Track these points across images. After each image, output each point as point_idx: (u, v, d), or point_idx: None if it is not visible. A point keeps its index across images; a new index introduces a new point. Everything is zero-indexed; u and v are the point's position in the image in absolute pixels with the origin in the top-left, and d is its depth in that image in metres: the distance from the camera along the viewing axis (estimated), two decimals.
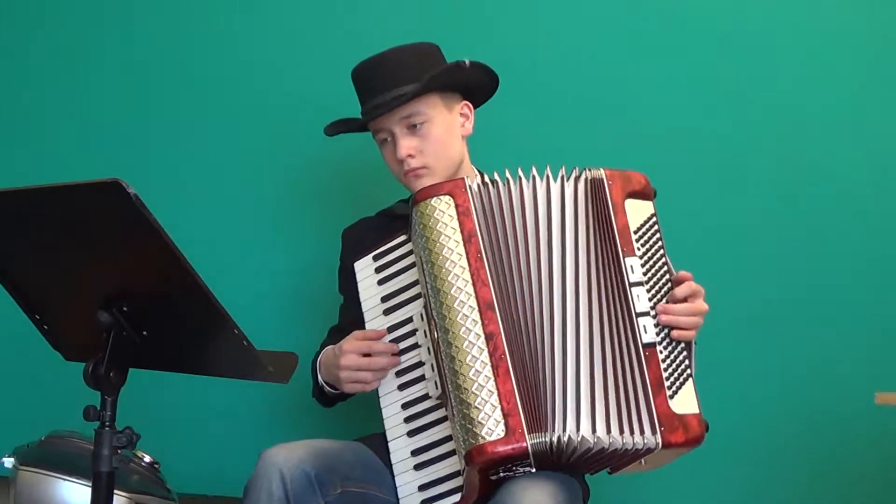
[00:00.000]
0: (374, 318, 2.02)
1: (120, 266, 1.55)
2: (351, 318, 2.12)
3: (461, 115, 2.17)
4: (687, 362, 1.86)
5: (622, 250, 1.86)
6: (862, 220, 2.48)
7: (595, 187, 1.90)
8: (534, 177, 1.92)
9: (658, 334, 1.84)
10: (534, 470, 1.80)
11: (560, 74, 2.58)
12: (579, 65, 2.57)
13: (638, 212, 1.91)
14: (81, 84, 2.79)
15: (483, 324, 1.82)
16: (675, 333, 1.85)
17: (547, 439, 1.78)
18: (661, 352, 1.83)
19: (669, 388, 1.81)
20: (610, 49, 2.57)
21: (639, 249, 1.87)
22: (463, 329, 1.82)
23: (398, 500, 1.94)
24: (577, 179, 1.92)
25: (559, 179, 1.92)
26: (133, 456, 2.18)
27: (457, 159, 2.15)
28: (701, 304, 1.90)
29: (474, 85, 2.17)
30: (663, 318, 1.85)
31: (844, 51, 2.51)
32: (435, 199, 1.90)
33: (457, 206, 1.89)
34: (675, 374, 1.83)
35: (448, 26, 2.59)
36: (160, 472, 2.23)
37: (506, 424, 1.76)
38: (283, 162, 2.70)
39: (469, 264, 1.85)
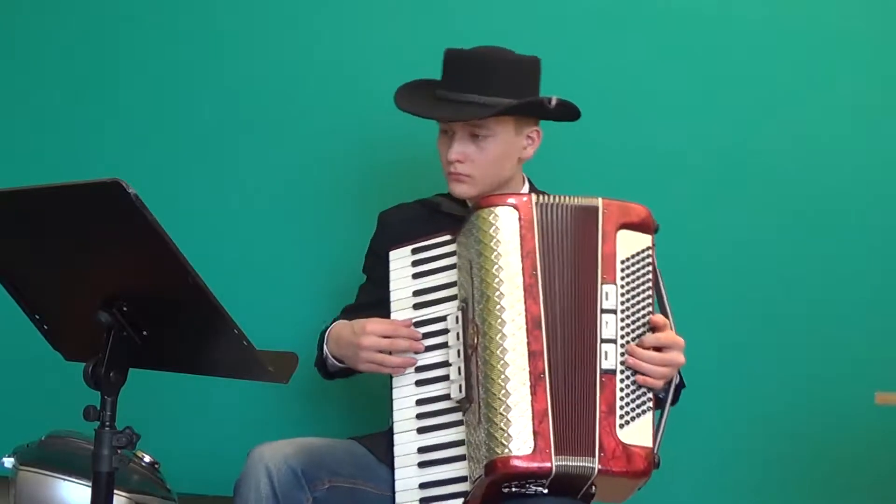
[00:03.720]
0: (402, 310, 2.01)
1: (120, 266, 1.55)
2: (370, 299, 2.12)
3: (528, 137, 2.13)
4: (649, 395, 1.86)
5: (602, 277, 1.87)
6: (862, 219, 2.48)
7: (589, 216, 1.90)
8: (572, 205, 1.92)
9: (622, 363, 1.84)
10: (545, 491, 1.81)
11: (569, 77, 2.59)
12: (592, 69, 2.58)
13: (630, 243, 1.91)
14: (97, 80, 2.77)
15: (528, 341, 1.82)
16: (639, 378, 1.85)
17: (572, 463, 1.78)
18: (620, 380, 1.84)
19: (622, 416, 1.82)
20: (617, 54, 2.58)
21: (622, 279, 1.88)
22: (508, 341, 1.82)
23: (393, 493, 1.93)
24: (572, 207, 1.91)
25: (562, 209, 1.91)
26: (133, 456, 2.18)
27: (504, 178, 2.12)
28: (674, 357, 1.87)
29: (553, 118, 2.14)
30: (629, 360, 1.85)
31: (846, 52, 2.52)
32: (500, 208, 1.90)
33: (520, 220, 1.89)
34: (632, 405, 1.84)
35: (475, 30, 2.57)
36: (160, 472, 2.23)
37: (535, 442, 1.77)
38: (317, 158, 2.68)
39: (524, 280, 1.85)
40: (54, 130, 2.78)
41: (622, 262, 1.89)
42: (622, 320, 1.86)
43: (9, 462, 2.17)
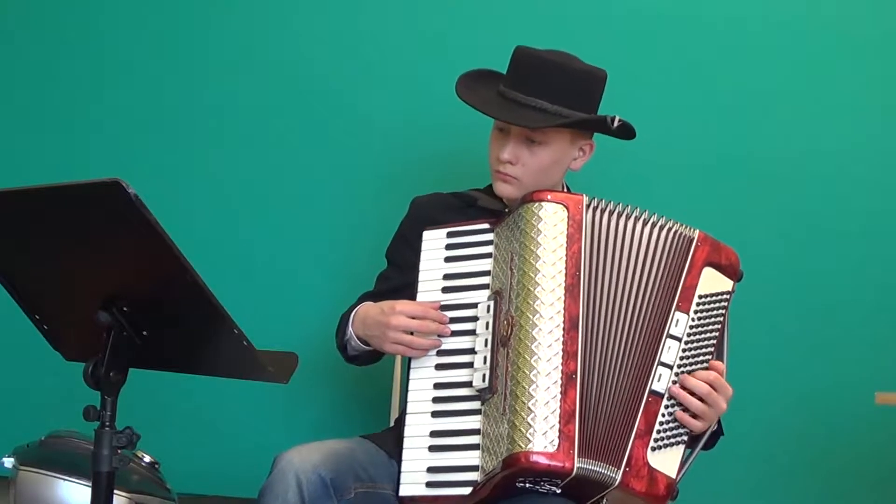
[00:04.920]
0: (430, 292, 1.99)
1: (120, 266, 1.55)
2: (392, 285, 2.11)
3: (580, 150, 2.13)
4: (686, 429, 1.86)
5: (677, 304, 1.89)
6: (862, 219, 2.48)
7: (683, 243, 1.93)
8: (637, 217, 1.93)
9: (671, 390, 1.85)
10: (558, 491, 1.80)
11: None
12: None
13: (712, 282, 1.93)
14: (97, 80, 2.78)
15: (565, 340, 1.81)
16: (678, 414, 1.85)
17: (595, 469, 1.77)
18: (665, 406, 1.84)
19: (656, 440, 1.82)
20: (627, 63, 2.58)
21: (695, 312, 1.90)
22: (543, 337, 1.81)
23: (399, 473, 1.90)
24: (669, 230, 1.93)
25: (656, 228, 1.93)
26: (133, 456, 2.18)
27: (547, 185, 2.10)
28: (717, 399, 1.87)
29: (611, 135, 2.13)
30: (673, 388, 1.85)
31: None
32: (550, 203, 1.90)
33: (570, 218, 1.89)
34: (668, 433, 1.84)
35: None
36: (160, 472, 2.23)
37: (559, 441, 1.75)
38: (319, 158, 2.68)
39: (566, 278, 1.85)
40: (54, 130, 2.78)
41: (700, 296, 1.91)
42: (684, 350, 1.87)
43: (9, 462, 2.17)
